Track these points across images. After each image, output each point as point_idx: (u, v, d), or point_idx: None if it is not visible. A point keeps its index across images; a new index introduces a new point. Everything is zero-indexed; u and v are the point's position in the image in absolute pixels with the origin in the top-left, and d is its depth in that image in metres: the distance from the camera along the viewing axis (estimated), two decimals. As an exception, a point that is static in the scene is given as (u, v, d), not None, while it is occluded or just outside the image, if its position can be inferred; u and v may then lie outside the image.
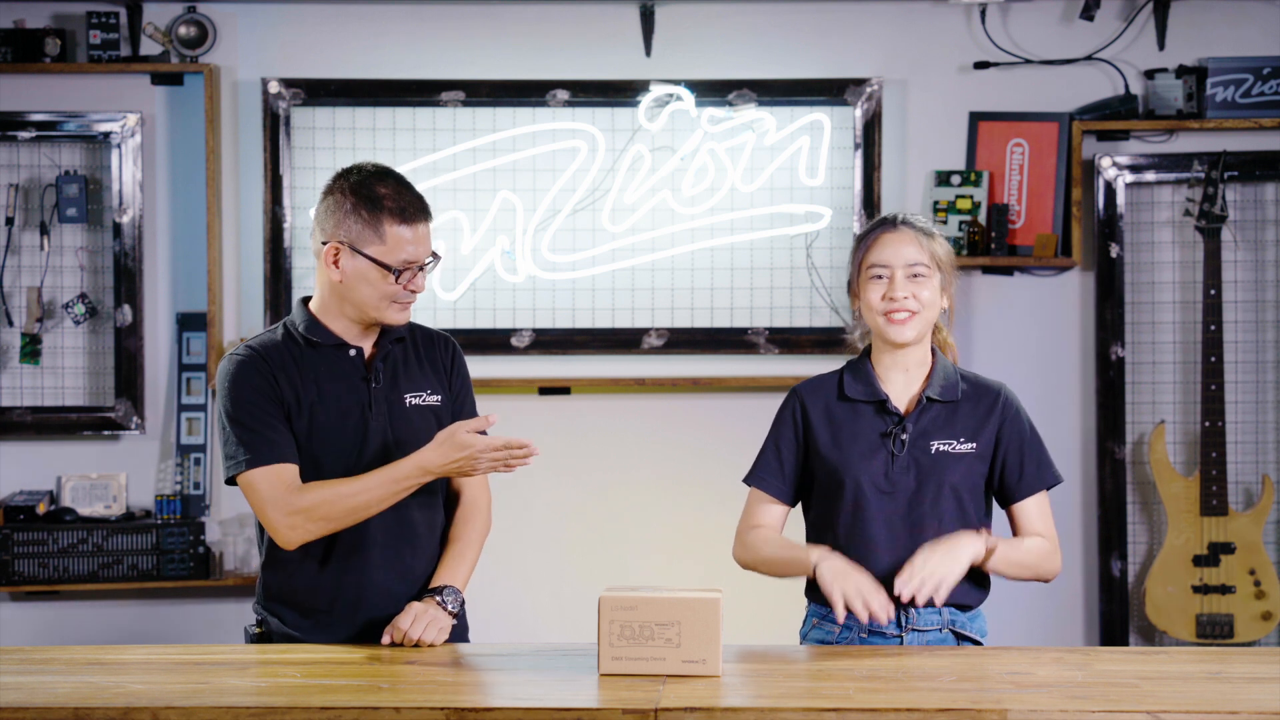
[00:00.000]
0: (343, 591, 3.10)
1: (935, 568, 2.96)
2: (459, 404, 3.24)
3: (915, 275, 3.09)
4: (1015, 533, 3.16)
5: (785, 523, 3.24)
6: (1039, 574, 3.13)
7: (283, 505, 3.01)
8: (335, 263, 3.07)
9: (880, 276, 3.10)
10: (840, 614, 2.96)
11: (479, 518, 3.25)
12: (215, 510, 5.18)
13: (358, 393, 3.12)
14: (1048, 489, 3.16)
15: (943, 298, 3.14)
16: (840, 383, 3.18)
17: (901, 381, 3.16)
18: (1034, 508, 3.14)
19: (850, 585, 2.97)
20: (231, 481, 3.08)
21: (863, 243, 3.16)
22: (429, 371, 3.20)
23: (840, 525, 3.12)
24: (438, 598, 3.08)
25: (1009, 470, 3.13)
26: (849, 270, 3.20)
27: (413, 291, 3.08)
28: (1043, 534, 3.14)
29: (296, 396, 3.10)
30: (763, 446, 3.23)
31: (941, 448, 3.09)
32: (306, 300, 3.18)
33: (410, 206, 3.07)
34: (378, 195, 3.05)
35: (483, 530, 3.25)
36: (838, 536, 3.13)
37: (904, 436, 3.10)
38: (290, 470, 3.05)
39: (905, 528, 3.08)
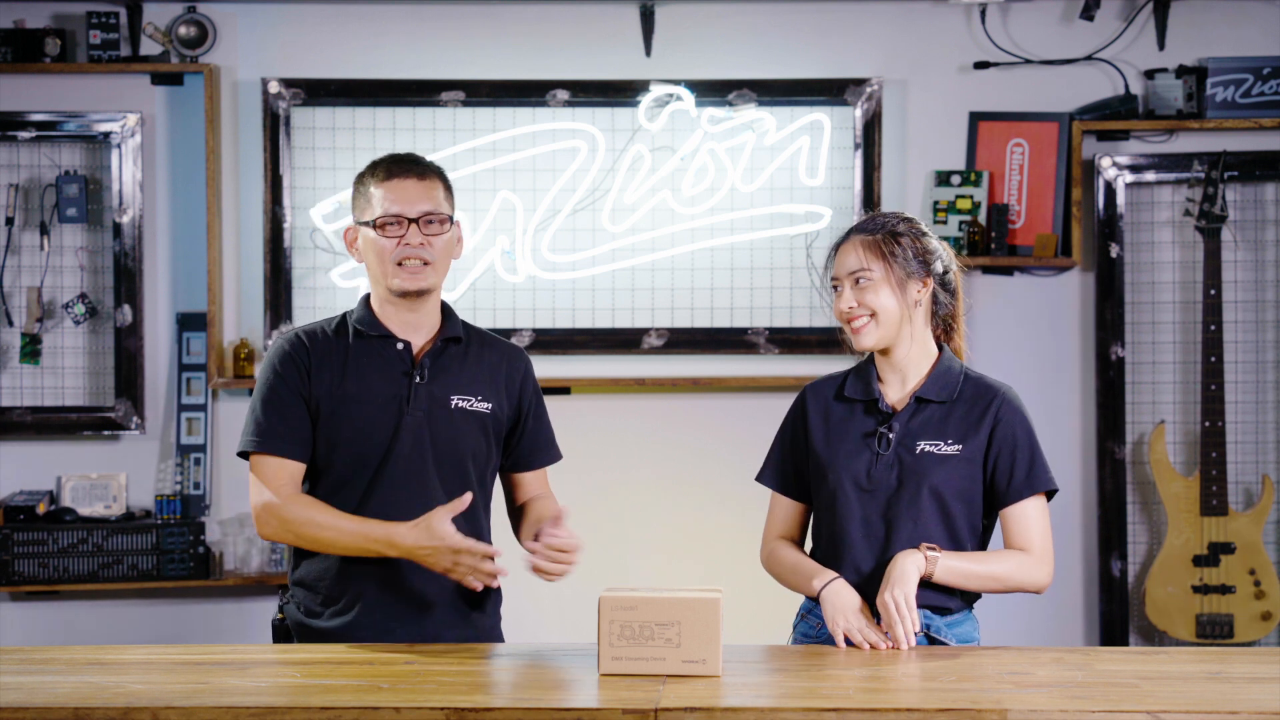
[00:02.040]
0: (351, 583, 3.10)
1: (894, 597, 2.95)
2: (527, 418, 3.22)
3: (858, 282, 3.08)
4: (1004, 538, 3.13)
5: (807, 517, 3.24)
6: (1011, 586, 3.07)
7: (270, 502, 3.07)
8: (354, 246, 3.17)
9: (836, 289, 3.13)
10: (840, 644, 2.98)
11: (557, 507, 3.26)
12: (215, 510, 5.18)
13: (397, 386, 3.12)
14: (1042, 496, 3.10)
15: (907, 292, 3.10)
16: (843, 382, 3.19)
17: (897, 382, 3.15)
18: (1019, 515, 3.08)
19: (851, 623, 2.99)
20: (244, 455, 3.14)
21: (828, 256, 3.19)
22: (486, 378, 3.18)
23: (823, 520, 3.15)
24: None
25: (998, 474, 3.09)
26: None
27: (408, 245, 3.08)
28: (1027, 543, 3.07)
29: (332, 385, 3.11)
30: (771, 444, 3.26)
31: (927, 448, 3.08)
32: (369, 297, 3.22)
33: (395, 166, 3.14)
34: (369, 170, 3.17)
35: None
36: (820, 531, 3.17)
37: (890, 435, 3.10)
38: (293, 467, 3.10)
39: (882, 525, 3.07)
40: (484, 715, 2.46)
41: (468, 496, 2.99)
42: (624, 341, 5.19)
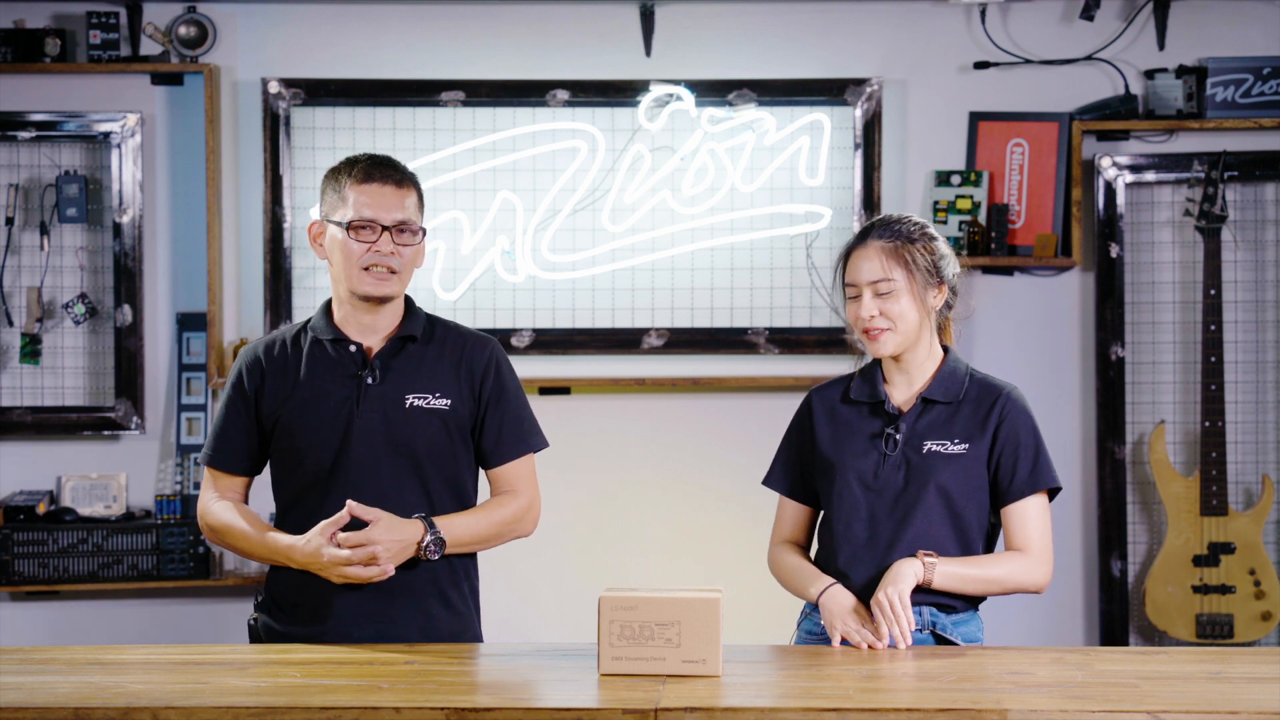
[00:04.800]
0: (310, 588, 3.10)
1: (888, 595, 2.96)
2: (488, 411, 3.20)
3: (881, 293, 3.09)
4: (1005, 536, 3.15)
5: (814, 521, 3.25)
6: (1011, 588, 3.09)
7: (202, 508, 3.21)
8: (319, 241, 3.16)
9: (853, 296, 3.12)
10: (836, 645, 2.99)
11: (509, 504, 3.20)
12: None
13: (348, 388, 3.12)
14: (1044, 494, 3.12)
15: (925, 299, 3.11)
16: (849, 385, 3.20)
17: (904, 383, 3.17)
18: (1019, 513, 3.10)
19: (848, 624, 3.00)
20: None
21: (840, 260, 3.17)
22: (448, 373, 3.16)
23: (828, 519, 3.16)
24: (425, 536, 3.05)
25: (1001, 473, 3.10)
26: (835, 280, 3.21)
27: (378, 253, 3.07)
28: (1026, 541, 3.09)
29: (285, 394, 3.13)
30: (778, 448, 3.27)
31: (934, 448, 3.09)
32: (330, 300, 3.22)
33: (373, 169, 3.11)
34: (345, 167, 3.14)
35: (510, 515, 3.18)
36: (825, 531, 3.17)
37: (897, 436, 3.11)
38: (237, 481, 3.22)
39: (890, 525, 3.08)
40: (484, 715, 2.46)
41: (348, 510, 3.00)
42: (624, 341, 5.19)
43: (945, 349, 3.19)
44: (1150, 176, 5.16)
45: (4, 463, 5.17)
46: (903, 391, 3.16)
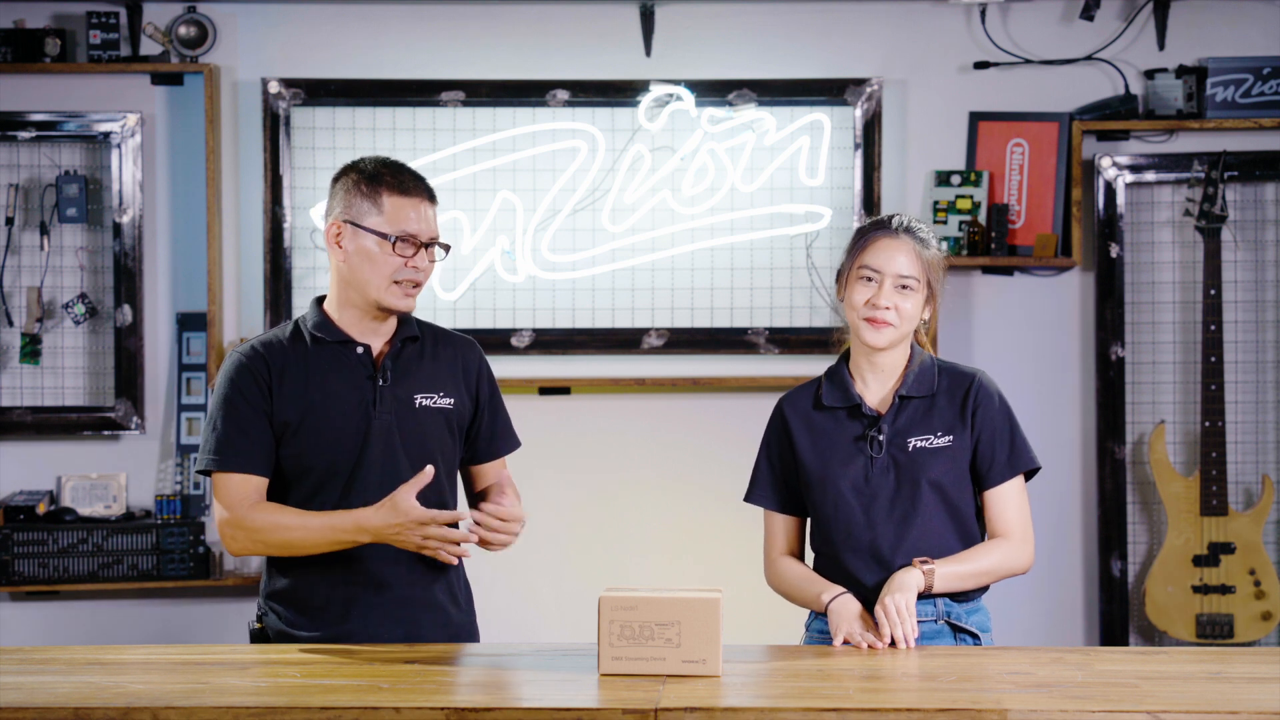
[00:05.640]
0: (335, 591, 3.10)
1: (895, 604, 2.97)
2: (484, 409, 3.24)
3: (903, 287, 3.09)
4: (986, 520, 3.16)
5: (804, 529, 3.25)
6: (1001, 575, 3.13)
7: (233, 516, 3.06)
8: (339, 242, 3.10)
9: (869, 280, 3.11)
10: (838, 644, 3.00)
11: (511, 489, 3.25)
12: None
13: (362, 390, 3.11)
14: (1022, 475, 3.14)
15: (925, 309, 3.14)
16: (818, 391, 3.19)
17: (877, 382, 3.17)
18: (1000, 498, 3.13)
19: (853, 628, 3.01)
20: (205, 472, 3.13)
21: (860, 240, 3.16)
22: (444, 373, 3.18)
23: (824, 530, 3.15)
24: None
25: (981, 457, 3.13)
26: (842, 260, 3.19)
27: (415, 269, 3.07)
28: (1008, 526, 3.12)
29: (295, 396, 3.09)
30: (755, 462, 3.26)
31: (919, 444, 3.10)
32: (321, 300, 3.20)
33: (410, 182, 3.11)
34: (379, 173, 3.10)
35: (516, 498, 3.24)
36: (822, 541, 3.17)
37: (880, 438, 3.11)
38: (255, 482, 3.08)
39: (889, 526, 3.09)
40: (484, 715, 2.46)
41: (430, 470, 2.97)
42: (624, 341, 5.19)
43: (911, 345, 3.20)
44: (1150, 176, 5.16)
45: (4, 463, 5.17)
46: (876, 392, 3.16)
